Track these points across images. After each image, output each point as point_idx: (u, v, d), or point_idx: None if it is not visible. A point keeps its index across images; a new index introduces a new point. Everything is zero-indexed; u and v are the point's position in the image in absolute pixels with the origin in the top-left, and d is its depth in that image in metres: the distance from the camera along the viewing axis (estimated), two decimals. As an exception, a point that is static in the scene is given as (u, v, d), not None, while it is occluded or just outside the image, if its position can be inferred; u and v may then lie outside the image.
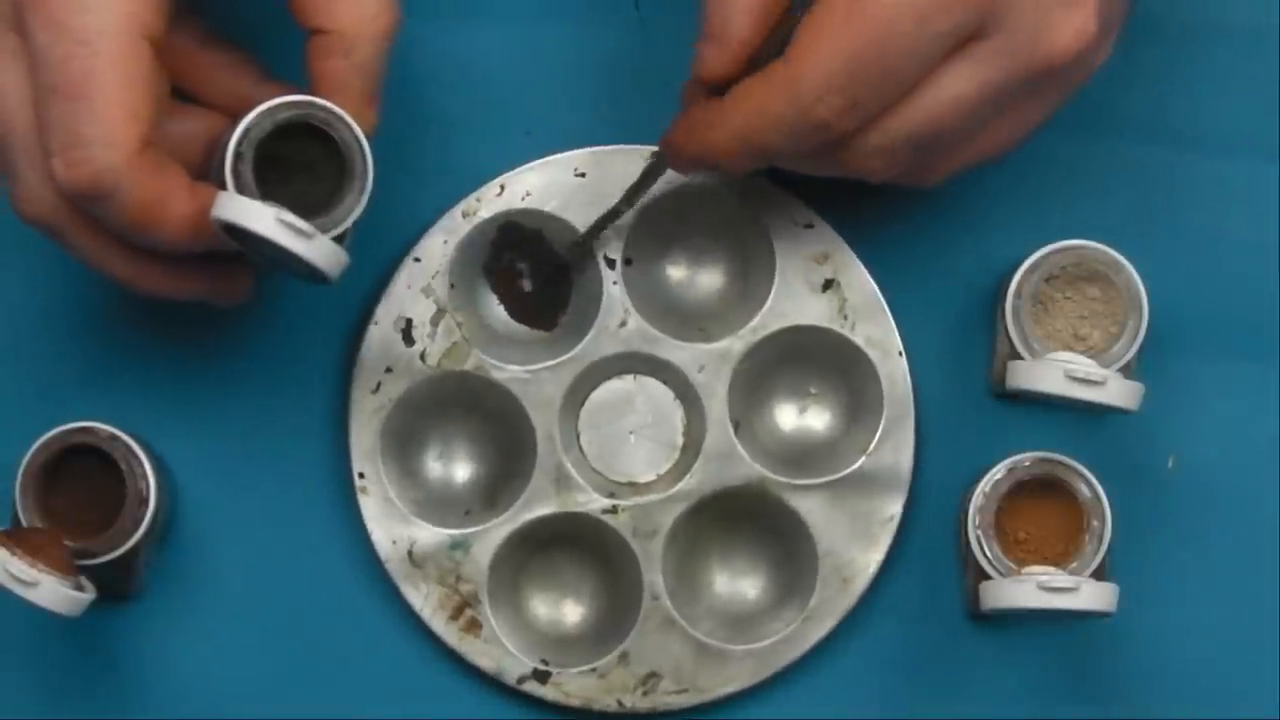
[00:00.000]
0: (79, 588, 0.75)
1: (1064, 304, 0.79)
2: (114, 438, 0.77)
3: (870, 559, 0.80)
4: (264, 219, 0.69)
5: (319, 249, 0.70)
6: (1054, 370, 0.75)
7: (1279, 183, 0.82)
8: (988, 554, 0.77)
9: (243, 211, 0.69)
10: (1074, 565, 0.77)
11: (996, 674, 0.81)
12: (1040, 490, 0.78)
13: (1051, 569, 0.76)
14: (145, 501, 0.77)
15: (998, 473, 0.78)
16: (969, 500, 0.78)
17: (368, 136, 0.72)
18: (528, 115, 0.82)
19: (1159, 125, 0.82)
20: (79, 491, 0.78)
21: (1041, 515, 0.78)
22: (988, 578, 0.78)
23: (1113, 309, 0.78)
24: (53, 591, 0.73)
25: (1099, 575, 0.77)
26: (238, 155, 0.70)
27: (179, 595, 0.81)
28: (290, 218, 0.69)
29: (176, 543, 0.81)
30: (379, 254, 0.81)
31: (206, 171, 0.72)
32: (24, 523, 0.77)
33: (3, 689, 0.81)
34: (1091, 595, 0.75)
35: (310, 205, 0.71)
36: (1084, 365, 0.76)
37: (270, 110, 0.70)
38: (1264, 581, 0.81)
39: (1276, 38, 0.82)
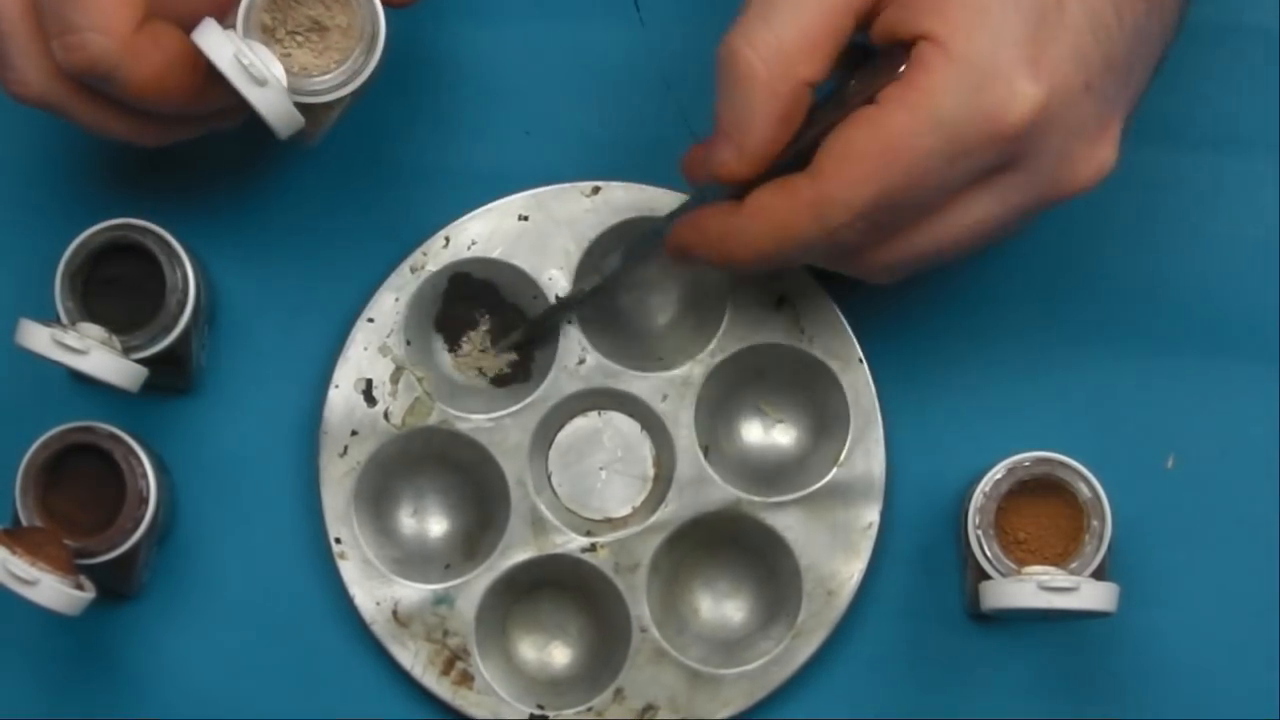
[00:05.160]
0: (79, 587, 0.75)
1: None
2: (114, 437, 0.77)
3: (853, 569, 0.80)
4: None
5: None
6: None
7: (1279, 183, 0.82)
8: (988, 554, 0.77)
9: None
10: (1074, 565, 0.77)
11: (996, 674, 0.81)
12: (1040, 490, 0.78)
13: (1051, 569, 0.76)
14: (145, 501, 0.77)
15: (998, 473, 0.78)
16: (969, 500, 0.78)
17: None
18: (528, 115, 0.82)
19: (1159, 125, 0.82)
20: (79, 491, 0.78)
21: (1041, 515, 0.78)
22: (988, 578, 0.77)
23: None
24: (53, 590, 0.73)
25: (1099, 575, 0.77)
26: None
27: (179, 595, 0.81)
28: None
29: (176, 543, 0.81)
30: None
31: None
32: (24, 522, 0.77)
33: (3, 689, 0.81)
34: (1091, 595, 0.75)
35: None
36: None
37: None
38: (1264, 581, 0.81)
39: (1276, 38, 0.82)
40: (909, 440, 0.82)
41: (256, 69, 0.69)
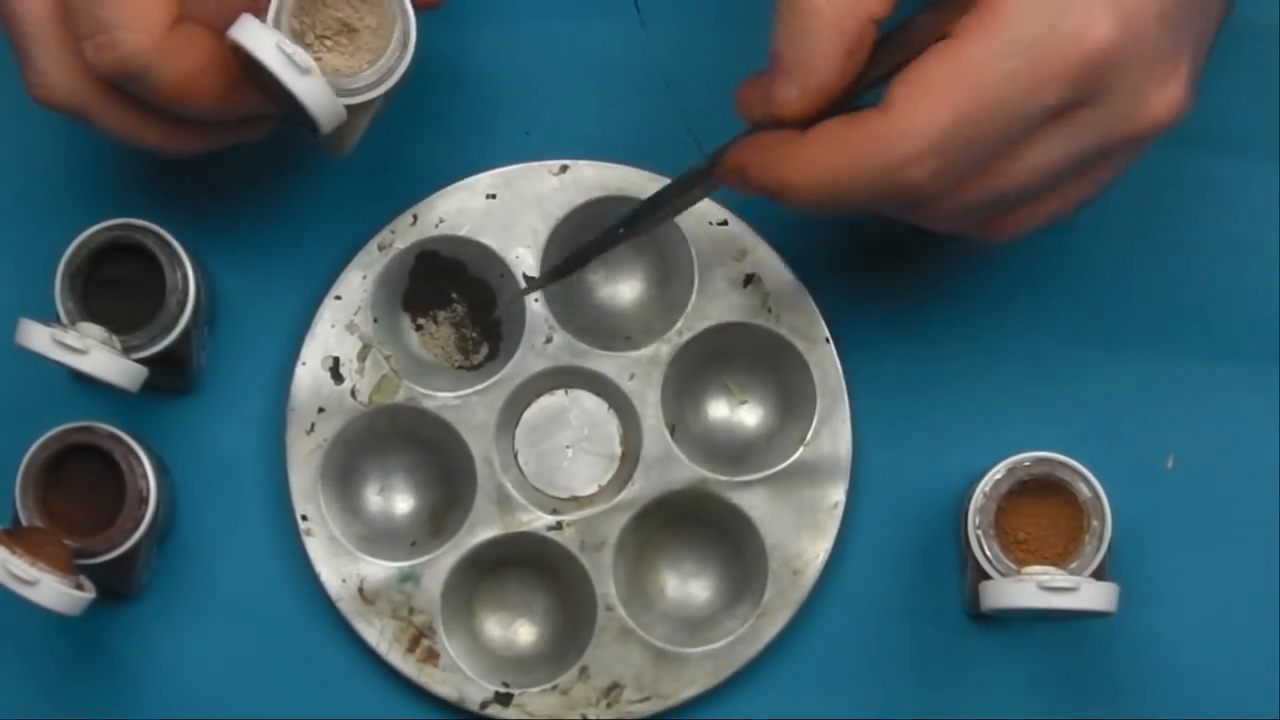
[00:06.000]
0: (79, 587, 0.75)
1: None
2: (114, 437, 0.77)
3: (819, 548, 0.80)
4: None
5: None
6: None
7: (1279, 183, 0.82)
8: (988, 554, 0.77)
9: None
10: (1074, 565, 0.77)
11: (996, 674, 0.81)
12: (1040, 490, 0.78)
13: (1051, 569, 0.76)
14: (145, 501, 0.77)
15: (998, 473, 0.78)
16: (969, 500, 0.78)
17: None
18: (527, 115, 0.82)
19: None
20: (79, 491, 0.78)
21: (1041, 515, 0.78)
22: (988, 578, 0.77)
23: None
24: (53, 590, 0.73)
25: (1099, 575, 0.77)
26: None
27: (179, 595, 0.81)
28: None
29: (176, 543, 0.81)
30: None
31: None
32: (24, 522, 0.77)
33: (3, 689, 0.81)
34: (1091, 595, 0.75)
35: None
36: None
37: None
38: (1263, 581, 0.81)
39: (1276, 38, 0.82)
40: (906, 430, 0.82)
41: (300, 57, 0.69)
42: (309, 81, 0.69)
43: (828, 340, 0.80)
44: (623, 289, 0.83)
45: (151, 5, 0.70)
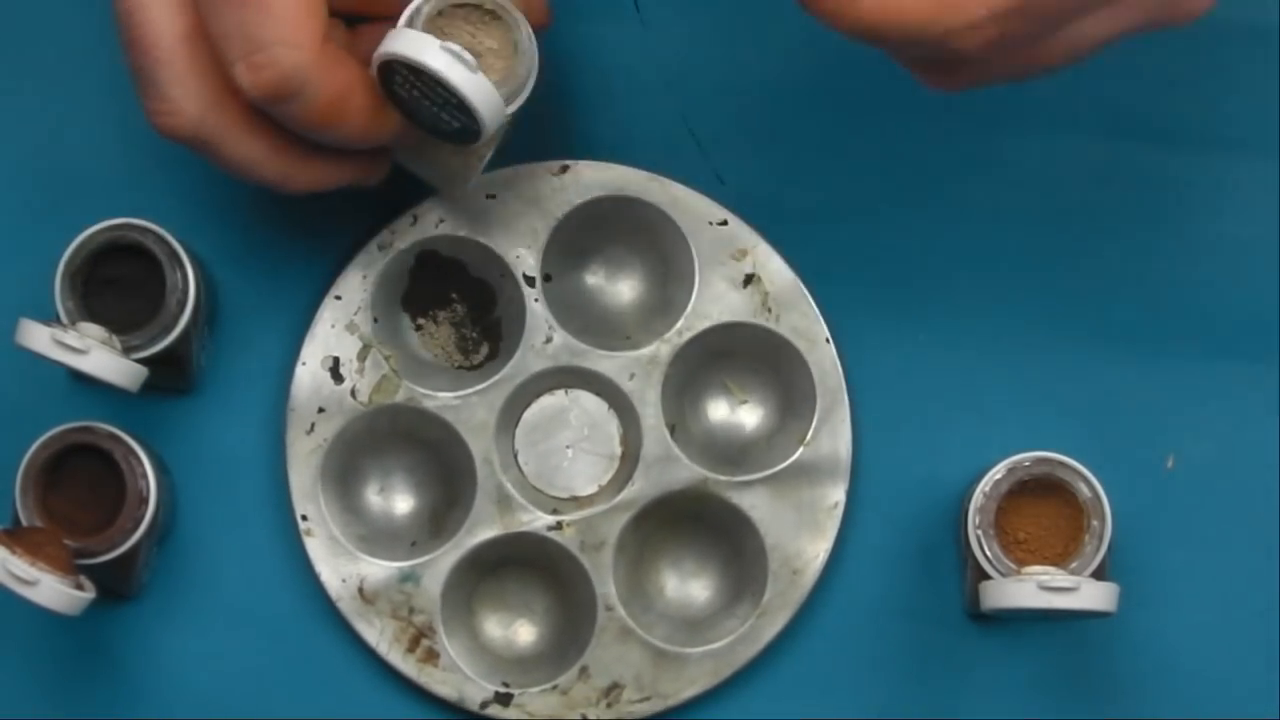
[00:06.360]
0: (79, 587, 0.75)
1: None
2: (114, 437, 0.77)
3: (819, 548, 0.80)
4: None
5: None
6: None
7: (1279, 183, 0.82)
8: (988, 554, 0.77)
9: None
10: (1074, 565, 0.77)
11: (996, 674, 0.81)
12: (1040, 490, 0.78)
13: (1051, 569, 0.76)
14: (145, 501, 0.77)
15: (998, 473, 0.78)
16: (969, 500, 0.78)
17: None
18: (525, 115, 0.82)
19: (1159, 125, 0.82)
20: (79, 491, 0.78)
21: (1041, 515, 0.78)
22: (988, 578, 0.78)
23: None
24: (53, 590, 0.73)
25: (1099, 575, 0.77)
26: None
27: (179, 595, 0.81)
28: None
29: (176, 543, 0.81)
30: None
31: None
32: (24, 522, 0.77)
33: (3, 689, 0.81)
34: (1091, 595, 0.75)
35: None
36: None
37: None
38: (1264, 581, 0.81)
39: (1276, 38, 0.82)
40: (906, 430, 0.82)
41: (466, 56, 0.69)
42: (478, 79, 0.69)
43: (828, 340, 0.80)
44: (623, 289, 0.83)
45: (306, 22, 0.69)
